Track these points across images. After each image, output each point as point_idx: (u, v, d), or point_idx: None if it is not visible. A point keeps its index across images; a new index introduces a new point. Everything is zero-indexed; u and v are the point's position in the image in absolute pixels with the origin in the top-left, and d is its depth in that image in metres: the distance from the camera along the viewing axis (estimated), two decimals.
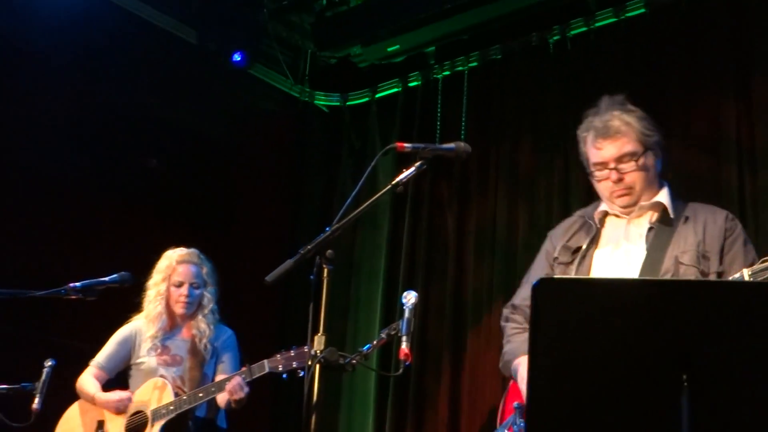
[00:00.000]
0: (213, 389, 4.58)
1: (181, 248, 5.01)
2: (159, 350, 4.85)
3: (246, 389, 4.53)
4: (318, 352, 2.88)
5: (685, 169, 5.20)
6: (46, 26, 5.77)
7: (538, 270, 3.64)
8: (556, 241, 3.60)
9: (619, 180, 3.40)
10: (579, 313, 2.25)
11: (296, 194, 7.10)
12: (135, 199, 6.32)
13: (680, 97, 5.54)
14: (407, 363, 3.00)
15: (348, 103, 7.11)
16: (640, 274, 3.26)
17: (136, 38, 6.26)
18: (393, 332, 3.16)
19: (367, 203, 3.15)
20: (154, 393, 4.70)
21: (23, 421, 3.90)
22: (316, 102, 7.16)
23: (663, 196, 3.44)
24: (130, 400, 4.70)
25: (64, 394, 4.70)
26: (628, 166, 3.39)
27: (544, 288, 2.25)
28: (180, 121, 6.55)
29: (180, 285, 4.90)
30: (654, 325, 2.21)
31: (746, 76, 5.34)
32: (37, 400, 3.95)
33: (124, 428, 4.67)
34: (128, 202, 6.29)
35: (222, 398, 4.66)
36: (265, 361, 4.48)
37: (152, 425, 4.60)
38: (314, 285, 2.96)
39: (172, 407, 4.59)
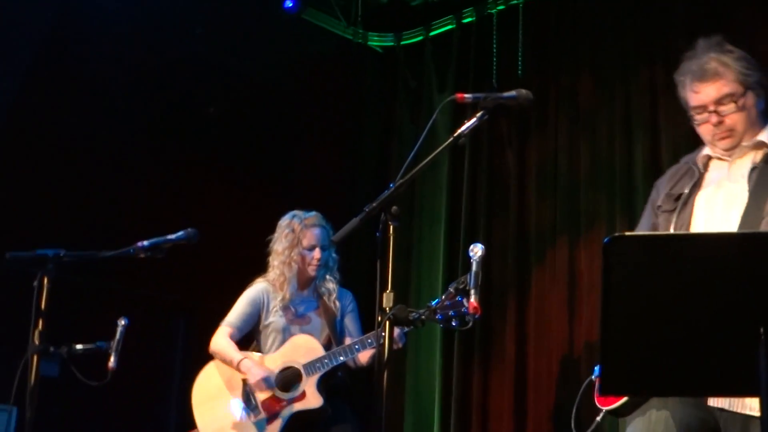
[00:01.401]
0: (369, 341, 4.67)
1: (302, 211, 5.08)
2: (288, 311, 4.95)
3: (402, 342, 4.61)
4: (387, 309, 2.90)
5: None
6: None
7: (644, 221, 3.60)
8: (661, 189, 3.55)
9: (720, 123, 3.33)
10: (649, 268, 2.22)
11: (354, 137, 7.08)
12: (195, 149, 6.37)
13: (745, 18, 5.38)
14: (476, 316, 3.00)
15: (402, 43, 7.03)
16: (743, 216, 3.20)
17: None
18: (461, 286, 3.16)
19: (429, 157, 3.12)
20: (300, 348, 4.81)
21: (100, 379, 3.97)
22: (369, 43, 7.09)
23: (766, 135, 3.36)
24: (269, 380, 4.77)
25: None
26: (727, 108, 3.32)
27: (615, 245, 2.22)
28: (235, 69, 6.56)
29: (312, 248, 4.97)
30: (729, 279, 2.18)
31: None
32: (112, 359, 4.00)
33: (276, 383, 4.77)
34: (188, 153, 6.34)
35: (364, 355, 4.78)
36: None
37: (307, 378, 4.71)
38: (380, 242, 2.96)
39: (326, 360, 4.71)
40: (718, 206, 3.31)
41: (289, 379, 4.76)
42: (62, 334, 3.93)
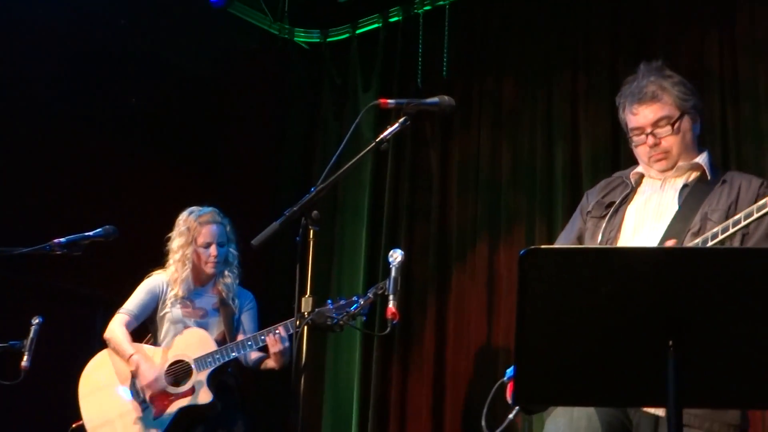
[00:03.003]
0: (262, 337, 4.62)
1: (198, 207, 5.01)
2: (184, 304, 4.90)
3: (286, 343, 4.58)
4: (306, 314, 2.90)
5: None
6: None
7: (570, 226, 3.69)
8: (591, 197, 3.64)
9: (656, 144, 3.43)
10: (565, 281, 2.25)
11: (279, 132, 7.05)
12: (117, 141, 6.29)
13: (665, 31, 5.51)
14: (394, 322, 3.03)
15: (328, 39, 7.02)
16: (668, 228, 3.31)
17: None
18: (380, 291, 3.18)
19: (351, 162, 3.13)
20: (192, 342, 4.75)
21: (13, 379, 3.91)
22: (296, 39, 7.06)
23: (702, 158, 3.48)
24: (158, 379, 4.71)
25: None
26: (664, 130, 3.41)
27: (531, 257, 2.25)
28: (161, 61, 6.49)
29: (208, 246, 4.92)
30: (641, 292, 2.22)
31: (730, 9, 5.31)
32: (26, 358, 3.96)
33: (164, 378, 4.71)
34: (110, 144, 6.25)
35: (251, 356, 4.77)
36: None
37: (197, 373, 4.66)
38: (300, 246, 2.97)
39: (218, 356, 4.65)
40: (647, 217, 3.41)
41: (179, 373, 4.72)
42: None
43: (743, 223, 3.07)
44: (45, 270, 5.34)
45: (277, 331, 4.58)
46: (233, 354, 4.67)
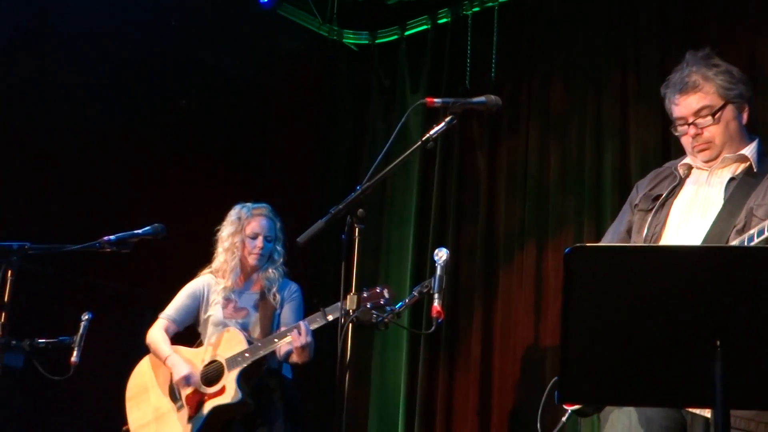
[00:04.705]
0: (287, 333, 4.61)
1: (252, 203, 5.03)
2: (228, 303, 4.90)
3: (309, 337, 4.54)
4: (351, 311, 2.91)
5: None
6: None
7: (619, 218, 3.66)
8: (640, 189, 3.61)
9: (698, 135, 3.38)
10: (610, 279, 2.24)
11: (326, 134, 7.07)
12: (166, 143, 6.35)
13: (716, 31, 5.44)
14: (439, 320, 3.02)
15: (377, 41, 7.03)
16: (713, 224, 3.25)
17: None
18: (425, 290, 3.18)
19: (397, 160, 3.14)
20: (226, 342, 4.75)
21: (63, 374, 3.95)
22: (344, 41, 7.09)
23: (749, 150, 3.40)
24: (192, 376, 4.73)
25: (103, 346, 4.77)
26: (705, 120, 3.37)
27: (577, 255, 2.24)
28: (210, 63, 6.55)
29: (255, 237, 4.92)
30: (688, 292, 2.21)
31: None
32: (75, 353, 3.99)
33: (200, 378, 4.73)
34: (159, 146, 6.32)
35: (282, 349, 4.71)
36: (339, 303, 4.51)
37: (228, 372, 4.66)
38: (345, 244, 2.97)
39: (247, 354, 4.64)
40: (693, 212, 3.36)
41: (212, 373, 4.72)
42: (26, 328, 3.91)
43: None
44: (95, 268, 5.40)
45: (301, 327, 4.57)
46: (261, 352, 4.64)
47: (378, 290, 4.35)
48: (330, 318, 4.50)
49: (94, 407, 4.79)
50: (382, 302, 4.30)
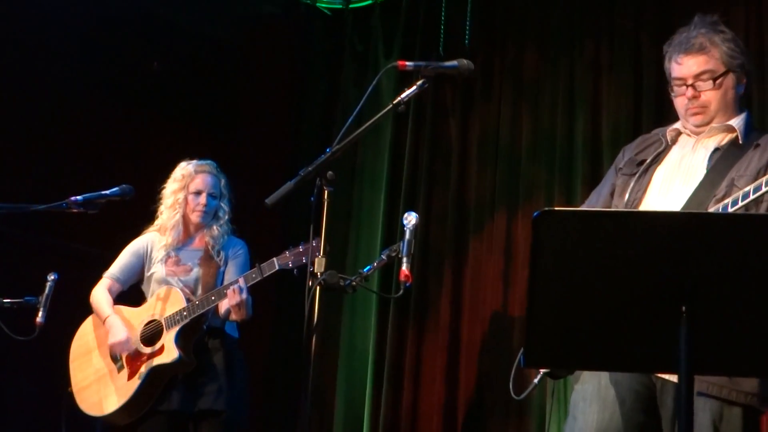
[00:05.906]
0: (225, 291, 4.59)
1: (197, 159, 4.99)
2: (169, 260, 4.87)
3: (244, 294, 4.52)
4: (319, 274, 2.90)
5: None
6: None
7: (605, 180, 3.65)
8: (627, 153, 3.60)
9: (694, 97, 3.36)
10: (579, 243, 2.24)
11: (299, 97, 7.03)
12: (138, 103, 6.30)
13: (690, 3, 5.43)
14: (407, 284, 3.02)
15: (351, 6, 6.96)
16: (694, 193, 3.25)
17: None
18: (393, 253, 3.18)
19: (368, 123, 3.13)
20: (166, 301, 4.72)
21: (27, 334, 3.93)
22: (318, 5, 7.02)
23: (737, 121, 3.39)
24: (128, 341, 4.72)
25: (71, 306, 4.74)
26: (705, 84, 3.35)
27: (545, 218, 2.23)
28: (182, 25, 6.50)
29: (198, 193, 4.88)
30: (655, 257, 2.21)
31: None
32: (40, 314, 3.98)
33: (139, 338, 4.72)
34: (131, 107, 6.27)
35: (223, 307, 4.68)
36: (275, 258, 4.50)
37: (167, 332, 4.64)
38: (314, 207, 2.96)
39: (185, 313, 4.62)
40: (675, 180, 3.36)
41: (152, 333, 4.70)
42: None
43: (764, 190, 3.01)
44: (62, 228, 5.36)
45: (237, 284, 4.55)
46: (199, 310, 4.61)
47: (301, 248, 4.35)
48: (266, 274, 4.49)
49: (58, 368, 4.76)
50: (303, 260, 4.32)
